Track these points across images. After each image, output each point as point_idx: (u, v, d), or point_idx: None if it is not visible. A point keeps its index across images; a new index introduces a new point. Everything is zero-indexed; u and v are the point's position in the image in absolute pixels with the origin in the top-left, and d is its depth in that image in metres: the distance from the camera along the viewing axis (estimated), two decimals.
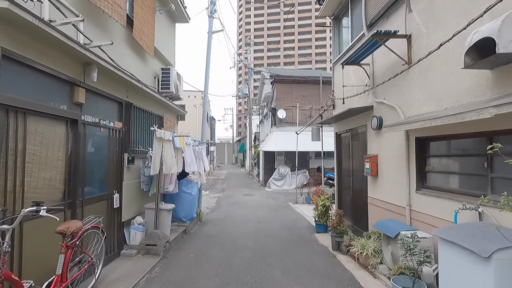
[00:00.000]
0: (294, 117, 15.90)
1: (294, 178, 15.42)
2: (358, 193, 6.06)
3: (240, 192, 13.98)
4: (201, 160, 7.01)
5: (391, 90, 4.65)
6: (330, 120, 7.22)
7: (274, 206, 10.30)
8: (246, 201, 11.25)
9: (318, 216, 6.59)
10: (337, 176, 7.28)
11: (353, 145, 6.35)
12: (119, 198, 4.58)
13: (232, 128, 50.05)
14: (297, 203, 10.96)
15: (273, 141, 15.42)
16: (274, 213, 8.84)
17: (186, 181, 6.53)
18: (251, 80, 26.76)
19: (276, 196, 12.69)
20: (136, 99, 5.19)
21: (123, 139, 4.75)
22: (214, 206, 10.13)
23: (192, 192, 6.54)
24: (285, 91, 16.01)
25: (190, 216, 6.55)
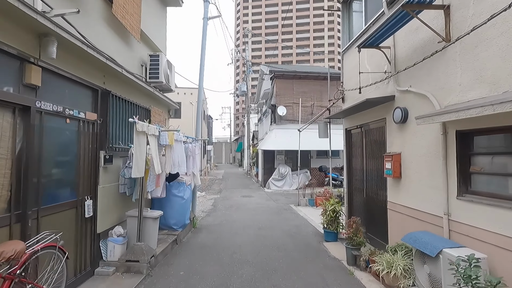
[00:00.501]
0: (295, 114, 15.16)
1: (295, 178, 14.67)
2: (373, 196, 5.31)
3: (238, 193, 13.20)
4: (194, 159, 6.22)
5: (420, 75, 3.89)
6: (339, 114, 6.46)
7: (275, 209, 9.53)
8: (244, 204, 10.47)
9: (327, 223, 5.83)
10: (347, 177, 6.51)
11: (367, 142, 5.59)
12: (92, 205, 3.78)
13: (230, 127, 49.24)
14: (300, 206, 10.20)
15: (272, 140, 14.66)
16: (276, 217, 8.07)
17: (177, 183, 5.74)
18: (249, 78, 25.99)
19: (276, 198, 11.92)
20: (116, 86, 4.39)
21: (98, 134, 3.95)
22: (210, 209, 9.34)
23: (184, 196, 5.75)
24: (285, 87, 15.24)
25: (182, 223, 5.76)
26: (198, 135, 7.10)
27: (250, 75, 26.44)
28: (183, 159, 5.53)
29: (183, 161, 5.54)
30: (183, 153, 5.56)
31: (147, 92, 5.40)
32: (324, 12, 67.91)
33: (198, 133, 7.12)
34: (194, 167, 6.47)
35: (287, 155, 15.63)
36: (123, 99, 4.60)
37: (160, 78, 5.86)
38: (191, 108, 23.31)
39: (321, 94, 15.46)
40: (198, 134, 7.11)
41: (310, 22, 74.36)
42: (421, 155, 3.83)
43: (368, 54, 5.25)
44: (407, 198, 4.14)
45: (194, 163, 6.36)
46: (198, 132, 7.13)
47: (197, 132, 7.13)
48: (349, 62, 6.36)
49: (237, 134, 52.69)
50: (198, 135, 7.10)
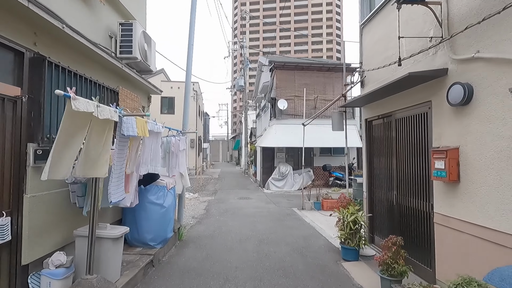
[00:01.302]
0: (296, 108, 13.93)
1: (297, 178, 13.47)
2: (408, 205, 4.09)
3: (235, 195, 11.96)
4: (178, 156, 4.95)
5: (498, 33, 2.66)
6: (358, 101, 5.24)
7: (276, 214, 8.30)
8: (242, 207, 9.24)
9: (346, 237, 4.61)
10: (367, 179, 5.29)
11: (399, 135, 4.37)
12: (16, 224, 2.53)
13: (227, 125, 47.96)
14: (304, 210, 8.99)
15: (272, 136, 13.42)
16: (278, 226, 6.84)
17: (156, 187, 4.48)
18: (247, 72, 24.73)
19: (277, 200, 10.70)
20: (59, 53, 3.12)
21: (25, 118, 2.69)
22: (202, 215, 8.09)
23: (165, 203, 4.50)
24: (286, 79, 13.99)
25: (161, 238, 4.50)
26: (185, 126, 5.84)
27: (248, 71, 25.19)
28: (156, 155, 4.25)
29: (156, 158, 4.26)
30: (157, 147, 4.28)
31: (112, 68, 4.13)
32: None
33: (186, 124, 5.86)
34: (179, 166, 5.21)
35: (288, 152, 14.41)
36: (70, 71, 3.32)
37: (134, 53, 4.59)
38: None
39: (325, 86, 14.26)
40: (185, 125, 5.85)
41: (308, 11, 73.71)
42: (501, 149, 2.61)
43: (403, 19, 4.01)
44: (471, 210, 2.92)
45: (178, 161, 5.10)
46: (185, 123, 5.87)
47: (185, 123, 5.87)
48: (371, 37, 5.12)
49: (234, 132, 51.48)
50: (185, 126, 5.84)
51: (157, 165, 4.32)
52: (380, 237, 4.87)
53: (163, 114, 21.63)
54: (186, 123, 5.92)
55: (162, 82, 21.97)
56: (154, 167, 4.22)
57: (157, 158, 4.32)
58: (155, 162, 4.28)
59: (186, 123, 5.91)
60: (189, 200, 10.65)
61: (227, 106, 49.30)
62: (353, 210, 4.67)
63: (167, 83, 22.34)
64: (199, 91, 23.85)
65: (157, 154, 4.30)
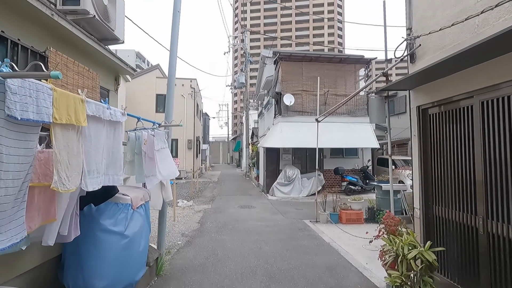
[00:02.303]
0: (304, 104, 12.41)
1: (305, 182, 11.92)
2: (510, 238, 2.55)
3: (235, 202, 10.41)
4: (152, 159, 3.39)
5: None
6: (407, 82, 3.72)
7: (286, 228, 6.76)
8: (243, 219, 7.69)
9: (403, 281, 3.05)
10: (421, 190, 3.74)
11: (485, 126, 2.84)
12: None
13: (227, 125, 46.48)
14: (319, 222, 7.45)
15: (278, 135, 11.89)
16: (291, 248, 5.30)
17: (114, 205, 2.95)
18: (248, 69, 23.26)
19: (284, 209, 9.15)
20: None
21: None
22: (194, 231, 6.55)
23: (128, 230, 2.96)
24: (292, 71, 12.48)
25: (123, 284, 2.96)
26: (169, 117, 4.30)
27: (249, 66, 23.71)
28: (118, 158, 2.73)
29: (119, 163, 2.73)
30: (119, 147, 2.75)
31: (37, 16, 2.61)
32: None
33: (169, 114, 4.31)
34: (159, 172, 3.66)
35: (295, 154, 12.88)
36: None
37: (83, 4, 3.07)
38: (182, 101, 20.52)
39: (336, 80, 12.74)
40: (169, 115, 4.31)
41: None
42: None
43: None
44: None
45: (156, 166, 3.55)
46: (169, 112, 4.32)
47: (168, 113, 4.32)
48: None
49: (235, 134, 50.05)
50: (169, 117, 4.30)
51: (117, 173, 2.79)
52: (448, 278, 3.32)
53: (158, 113, 20.18)
54: (170, 113, 4.38)
55: (158, 79, 20.54)
56: (111, 176, 2.69)
57: (117, 162, 2.79)
58: (114, 168, 2.75)
59: (170, 113, 4.37)
60: (182, 209, 9.11)
61: (227, 106, 47.88)
62: (411, 239, 3.12)
63: (163, 79, 20.88)
64: (197, 88, 22.36)
65: (116, 157, 2.77)
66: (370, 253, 5.00)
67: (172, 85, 4.51)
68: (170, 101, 4.46)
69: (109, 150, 2.68)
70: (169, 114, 4.39)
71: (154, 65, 21.98)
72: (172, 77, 4.49)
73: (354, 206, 7.55)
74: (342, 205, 7.63)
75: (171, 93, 4.48)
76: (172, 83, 4.51)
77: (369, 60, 12.76)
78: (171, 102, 4.45)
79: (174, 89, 4.56)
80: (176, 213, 8.31)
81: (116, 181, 2.81)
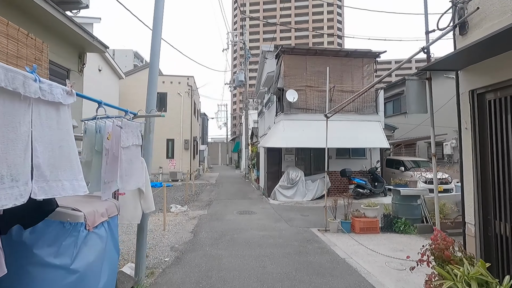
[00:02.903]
0: (308, 100, 11.54)
1: (310, 185, 11.03)
2: None
3: (234, 208, 9.50)
4: (121, 159, 2.49)
5: None
6: (458, 59, 2.83)
7: (292, 240, 5.86)
8: (243, 228, 6.78)
9: None
10: (478, 199, 2.85)
11: None
12: None
13: (226, 126, 45.60)
14: (328, 231, 6.56)
15: (280, 134, 11.00)
16: (301, 267, 4.40)
17: (58, 226, 2.04)
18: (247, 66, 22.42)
19: (288, 216, 8.25)
20: None
21: None
22: (186, 243, 5.64)
23: (75, 262, 2.04)
24: (296, 65, 11.60)
25: None
26: (150, 105, 3.41)
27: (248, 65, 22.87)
28: (64, 156, 1.83)
29: (64, 164, 1.83)
30: (66, 140, 1.85)
31: None
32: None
33: (151, 103, 3.42)
34: (130, 175, 2.74)
35: (298, 154, 11.98)
36: None
37: None
38: (179, 99, 19.64)
39: (342, 75, 11.86)
40: (150, 103, 3.42)
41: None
42: None
43: None
44: None
45: (115, 168, 2.61)
46: (150, 101, 3.43)
47: (149, 102, 3.43)
48: None
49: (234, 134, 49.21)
50: (150, 105, 3.41)
51: (76, 177, 1.89)
52: None
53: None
54: (152, 101, 3.49)
55: None
56: (68, 183, 1.80)
57: (72, 162, 1.88)
58: (71, 170, 1.85)
59: (151, 101, 3.48)
60: (175, 216, 8.20)
61: (226, 106, 47.04)
62: (481, 271, 2.22)
63: (158, 77, 19.97)
64: (195, 86, 21.48)
65: (68, 154, 1.87)
66: (398, 274, 4.11)
67: (156, 66, 3.63)
68: (153, 86, 3.57)
69: (52, 145, 1.78)
70: (150, 101, 3.50)
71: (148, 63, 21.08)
72: (155, 55, 3.60)
73: (369, 213, 6.66)
74: (354, 212, 6.74)
75: (154, 75, 3.59)
76: (156, 64, 3.63)
77: (378, 54, 11.90)
78: (153, 87, 3.56)
79: (157, 71, 3.67)
80: (168, 220, 7.41)
81: (77, 188, 1.91)
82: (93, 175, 2.54)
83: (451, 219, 6.54)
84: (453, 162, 13.30)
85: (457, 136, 3.04)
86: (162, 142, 19.14)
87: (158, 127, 20.47)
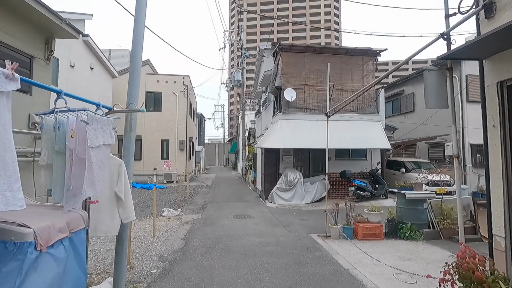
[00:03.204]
0: (307, 99, 11.16)
1: (309, 188, 10.62)
2: None
3: (229, 211, 9.07)
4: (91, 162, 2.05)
5: None
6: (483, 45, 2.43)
7: (291, 248, 5.44)
8: (238, 235, 6.35)
9: None
10: (506, 203, 2.46)
11: None
12: None
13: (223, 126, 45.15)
14: (330, 238, 6.15)
15: (277, 134, 10.60)
16: (301, 280, 3.97)
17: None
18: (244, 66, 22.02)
19: (287, 220, 7.83)
20: None
21: None
22: (176, 252, 5.19)
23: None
24: (294, 63, 11.22)
25: None
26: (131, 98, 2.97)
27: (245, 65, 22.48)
28: (6, 159, 1.40)
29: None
30: (6, 138, 1.42)
31: None
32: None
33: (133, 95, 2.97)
34: (81, 184, 2.26)
35: (296, 155, 11.58)
36: None
37: None
38: (174, 99, 19.17)
39: (342, 73, 11.49)
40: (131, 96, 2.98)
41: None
42: None
43: None
44: None
45: (82, 174, 2.14)
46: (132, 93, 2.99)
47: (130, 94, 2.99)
48: None
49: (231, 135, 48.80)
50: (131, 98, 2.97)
51: (12, 188, 1.45)
52: None
53: (148, 111, 18.80)
54: (134, 93, 3.05)
55: (148, 75, 19.17)
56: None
57: (7, 167, 1.45)
58: (6, 178, 1.41)
59: (133, 94, 3.04)
60: (167, 220, 7.75)
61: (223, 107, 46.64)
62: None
63: (153, 76, 19.56)
64: (190, 85, 21.03)
65: (2, 158, 1.43)
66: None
67: (139, 54, 3.19)
68: (135, 76, 3.13)
69: None
70: (132, 95, 3.06)
71: (144, 61, 20.59)
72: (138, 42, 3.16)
73: (372, 218, 6.27)
74: (357, 216, 6.34)
75: (137, 64, 3.15)
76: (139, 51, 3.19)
77: (378, 52, 11.55)
78: (135, 78, 3.12)
79: (141, 59, 3.23)
80: (158, 225, 6.96)
81: (11, 201, 1.47)
82: (56, 181, 2.11)
83: None
84: None
85: (459, 136, 2.64)
86: (157, 142, 18.68)
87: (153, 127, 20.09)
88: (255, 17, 75.41)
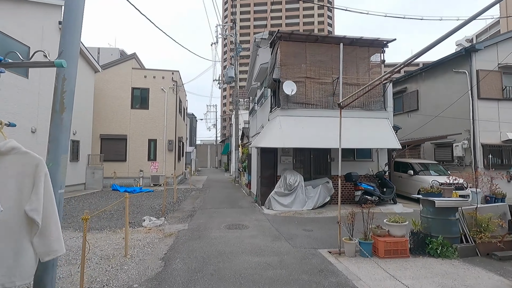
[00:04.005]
0: (308, 94, 10.06)
1: (311, 192, 9.49)
2: None
3: (221, 220, 7.85)
4: None
5: None
6: None
7: (298, 271, 4.26)
8: (231, 252, 5.15)
9: None
10: None
11: None
12: None
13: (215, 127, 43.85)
14: (344, 255, 5.02)
15: (275, 132, 9.45)
16: None
17: None
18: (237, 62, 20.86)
19: (288, 231, 6.66)
20: None
21: None
22: (151, 279, 3.95)
23: None
24: (294, 53, 10.11)
25: None
26: (66, 43, 1.80)
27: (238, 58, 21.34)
28: None
29: None
30: None
31: None
32: None
33: (68, 42, 1.81)
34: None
35: (296, 156, 10.44)
36: None
37: None
38: (163, 96, 17.84)
39: (346, 65, 10.36)
40: (66, 41, 1.80)
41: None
42: None
43: None
44: None
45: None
46: (66, 38, 1.82)
47: (64, 38, 1.81)
48: None
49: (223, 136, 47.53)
50: (66, 43, 1.80)
51: None
52: None
53: (134, 108, 17.52)
54: (70, 38, 1.86)
55: (134, 70, 17.83)
56: None
57: None
58: None
59: (70, 38, 1.85)
60: (146, 232, 6.50)
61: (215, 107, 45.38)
62: None
63: (139, 71, 18.21)
64: (180, 81, 19.75)
65: None
66: None
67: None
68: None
69: None
70: (66, 38, 1.85)
71: (130, 54, 19.24)
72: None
73: (395, 231, 5.15)
74: (376, 229, 5.22)
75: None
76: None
77: (386, 42, 10.55)
78: (75, 9, 1.92)
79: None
80: (135, 240, 5.72)
81: None
82: None
83: (498, 238, 5.12)
84: (465, 165, 12.06)
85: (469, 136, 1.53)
86: (143, 142, 17.34)
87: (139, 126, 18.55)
88: (249, 3, 75.03)
